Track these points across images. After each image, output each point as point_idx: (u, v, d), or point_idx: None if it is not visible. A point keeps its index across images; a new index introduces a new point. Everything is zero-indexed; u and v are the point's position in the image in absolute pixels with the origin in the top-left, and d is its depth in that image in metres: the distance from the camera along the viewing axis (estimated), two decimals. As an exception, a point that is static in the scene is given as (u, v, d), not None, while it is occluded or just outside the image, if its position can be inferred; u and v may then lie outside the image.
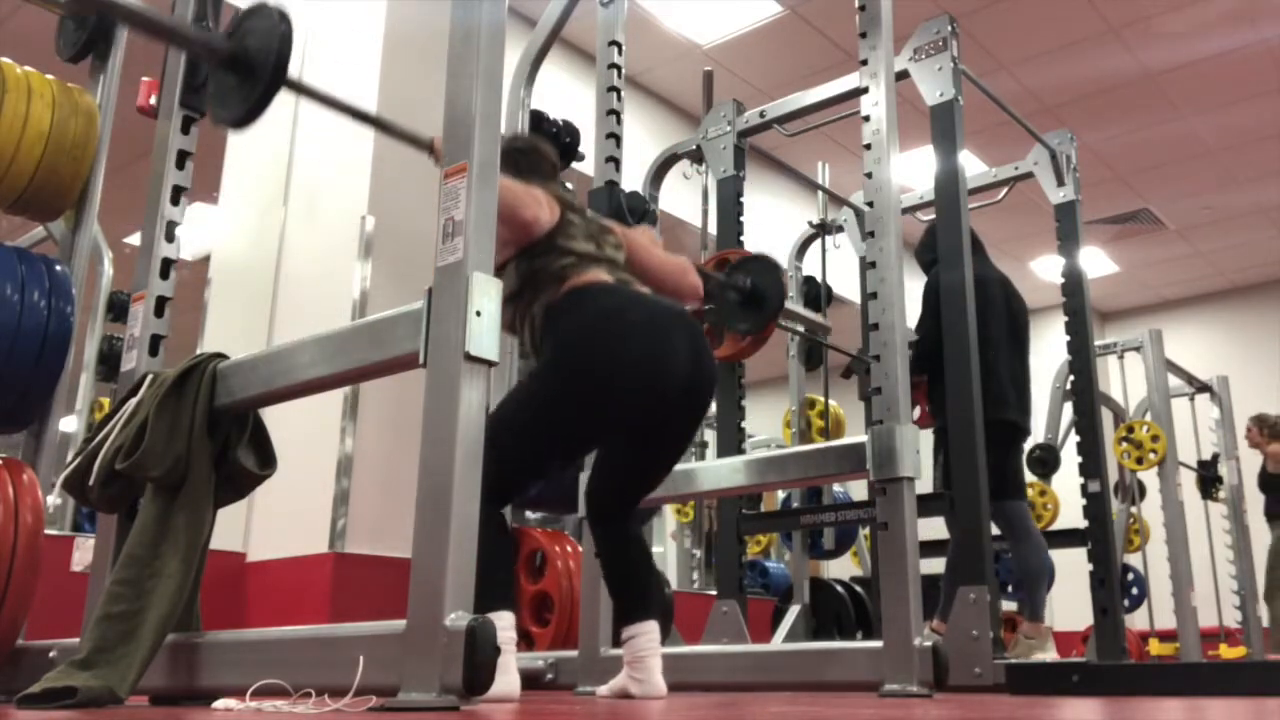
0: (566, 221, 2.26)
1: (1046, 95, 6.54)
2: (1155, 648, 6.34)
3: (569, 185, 2.58)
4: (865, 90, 2.83)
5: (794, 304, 5.07)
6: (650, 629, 2.24)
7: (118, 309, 4.40)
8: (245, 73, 1.71)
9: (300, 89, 1.89)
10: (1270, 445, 6.62)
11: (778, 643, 4.46)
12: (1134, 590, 6.48)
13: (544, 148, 2.51)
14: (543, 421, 2.09)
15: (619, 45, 3.30)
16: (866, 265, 2.78)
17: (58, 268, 2.48)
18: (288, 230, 4.43)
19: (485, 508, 2.05)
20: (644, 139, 5.72)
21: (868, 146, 2.79)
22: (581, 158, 3.85)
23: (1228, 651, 6.50)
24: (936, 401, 3.67)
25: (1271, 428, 6.67)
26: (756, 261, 3.41)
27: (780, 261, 5.02)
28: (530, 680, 2.97)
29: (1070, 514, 5.49)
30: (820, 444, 3.29)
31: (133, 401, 1.92)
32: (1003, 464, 3.69)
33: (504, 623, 1.99)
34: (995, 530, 3.87)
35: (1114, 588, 4.01)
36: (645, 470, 2.33)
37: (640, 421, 2.17)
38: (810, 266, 5.22)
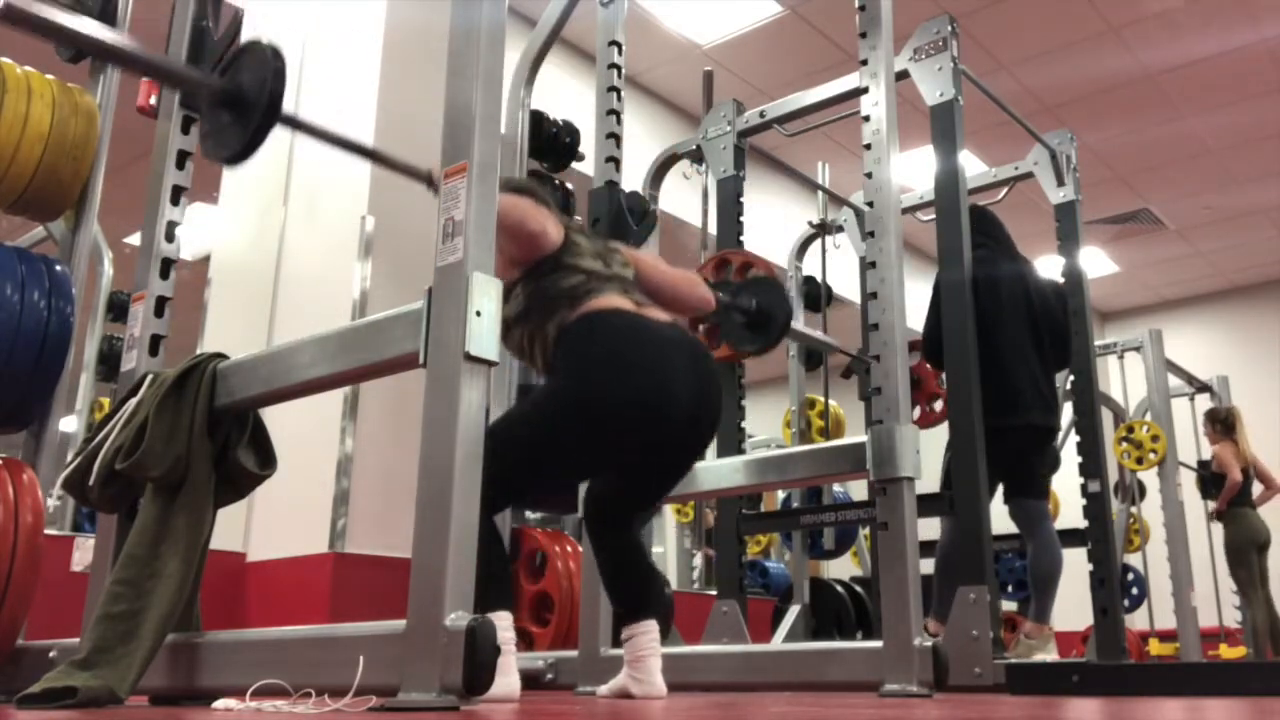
0: (572, 240, 2.24)
1: (1046, 95, 6.54)
2: (1155, 648, 6.35)
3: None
4: (865, 90, 2.83)
5: (795, 317, 5.08)
6: (650, 628, 2.24)
7: (118, 309, 4.39)
8: (239, 110, 1.69)
9: (296, 124, 1.88)
10: (1221, 441, 6.56)
11: (778, 643, 4.46)
12: (1134, 590, 6.48)
13: (538, 185, 2.53)
14: (546, 444, 2.08)
15: (619, 45, 3.30)
16: (866, 265, 2.78)
17: (58, 268, 2.48)
18: (288, 230, 4.43)
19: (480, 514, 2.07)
20: (644, 139, 5.71)
21: (868, 146, 2.79)
22: (581, 158, 3.85)
23: (1228, 651, 6.50)
24: None
25: (1223, 422, 6.59)
26: (760, 282, 3.38)
27: (781, 264, 5.04)
28: (530, 680, 2.97)
29: (1070, 514, 5.49)
30: (820, 444, 3.29)
31: (133, 401, 1.92)
32: (1025, 465, 3.67)
33: (502, 623, 2.00)
34: (1014, 529, 3.88)
35: (1114, 588, 4.01)
36: (647, 490, 2.35)
37: (643, 452, 2.17)
38: (810, 266, 5.22)
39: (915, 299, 3.28)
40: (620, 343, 2.09)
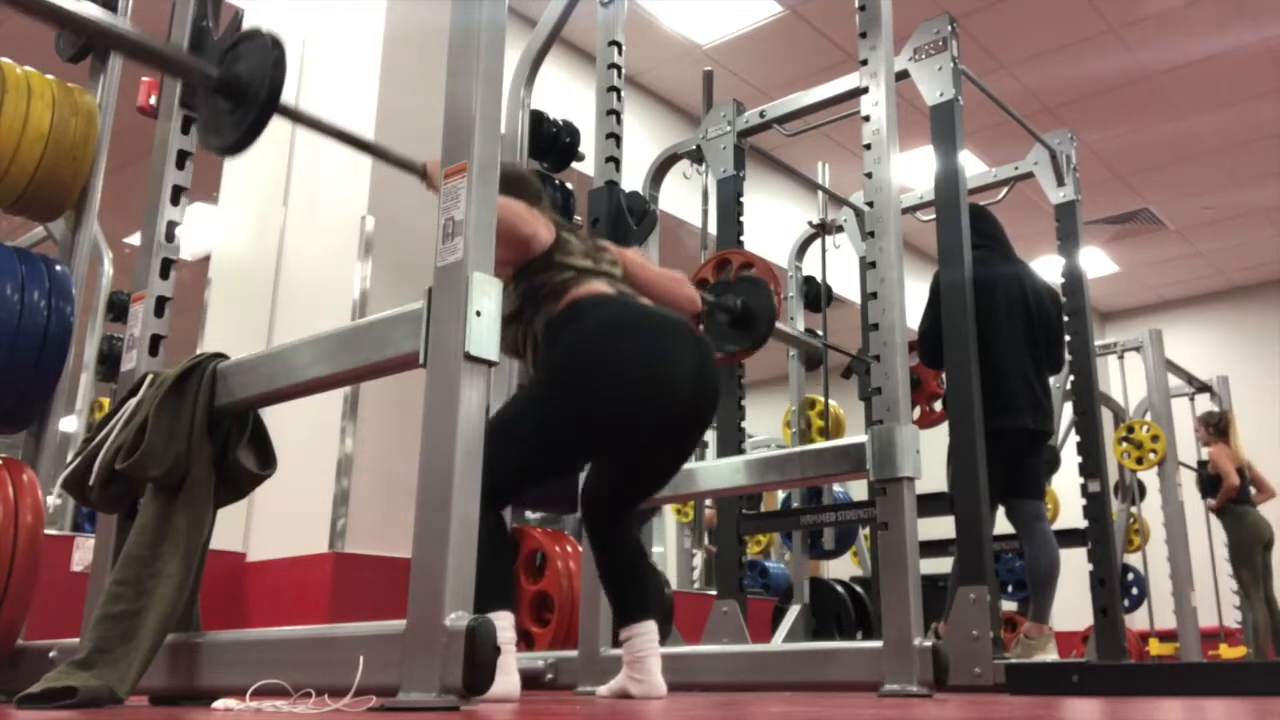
0: (563, 239, 2.25)
1: (1046, 95, 6.54)
2: (1155, 648, 6.35)
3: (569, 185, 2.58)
4: (865, 90, 2.83)
5: (792, 316, 5.07)
6: (648, 629, 2.24)
7: (118, 309, 4.40)
8: (238, 99, 1.69)
9: (294, 115, 1.87)
10: (1215, 444, 6.57)
11: (778, 643, 4.46)
12: (1134, 590, 6.48)
13: (529, 176, 2.51)
14: (541, 433, 2.08)
15: (619, 45, 3.30)
16: (866, 265, 2.78)
17: (58, 268, 2.48)
18: (288, 230, 4.43)
19: (481, 510, 2.06)
20: (644, 139, 5.72)
21: (868, 146, 2.80)
22: (581, 158, 3.85)
23: (1228, 651, 6.50)
24: None
25: (1216, 426, 6.61)
26: (747, 282, 3.37)
27: (781, 264, 5.04)
28: (530, 680, 2.97)
29: (1070, 514, 5.49)
30: (820, 444, 3.29)
31: (133, 401, 1.92)
32: (1020, 466, 3.67)
33: (503, 623, 2.00)
34: (1011, 529, 3.88)
35: (1114, 588, 4.01)
36: (644, 479, 2.33)
37: (641, 436, 2.16)
38: (810, 266, 5.22)
39: (915, 299, 3.28)
40: (611, 322, 2.09)
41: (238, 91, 1.70)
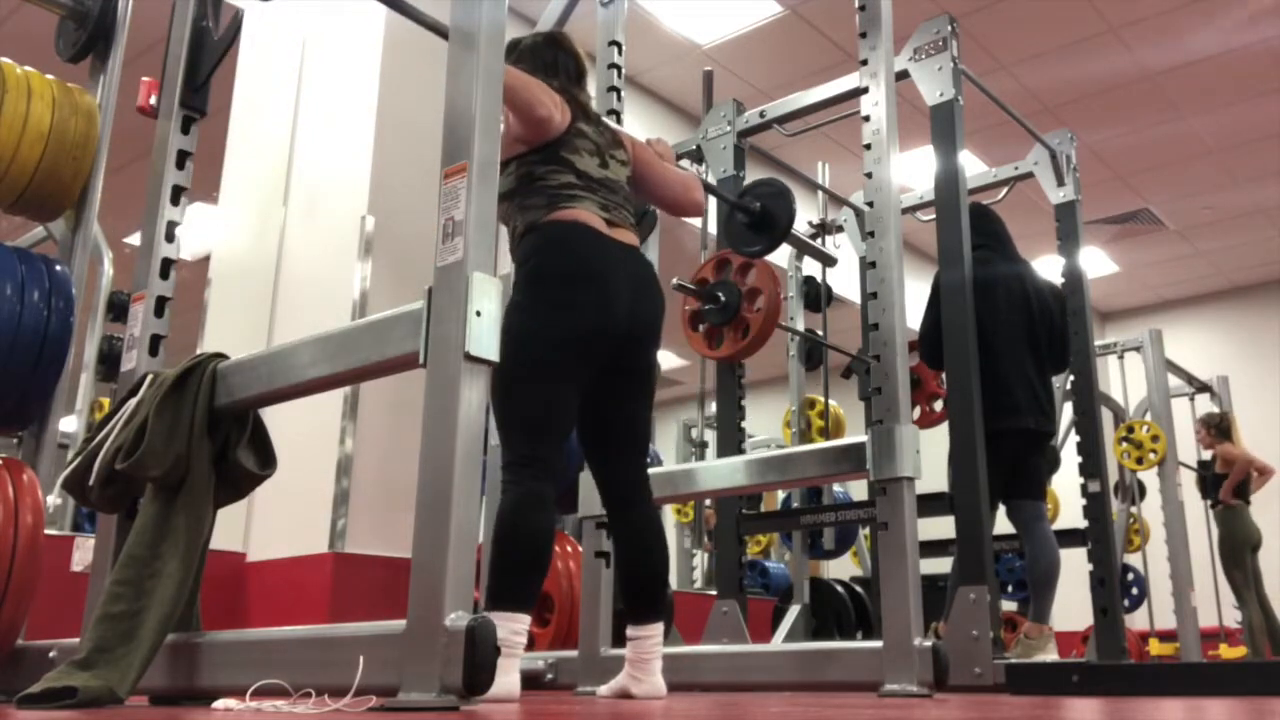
0: (576, 132, 2.29)
1: (1046, 95, 6.54)
2: (1155, 648, 6.35)
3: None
4: (865, 90, 2.83)
5: (792, 316, 5.07)
6: (656, 631, 2.24)
7: (118, 309, 4.39)
8: None
9: None
10: (1220, 444, 6.58)
11: (778, 643, 4.46)
12: (1134, 590, 6.48)
13: (572, 48, 2.50)
14: (533, 369, 2.12)
15: (619, 45, 3.31)
16: (866, 265, 2.78)
17: (58, 268, 2.48)
18: (288, 230, 4.43)
19: (519, 483, 2.06)
20: (644, 139, 5.70)
21: (868, 146, 2.80)
22: (582, 157, 3.84)
23: (1228, 651, 6.50)
24: None
25: (1217, 425, 6.63)
26: (765, 185, 3.42)
27: (781, 264, 5.04)
28: (530, 680, 2.98)
29: (1070, 514, 5.49)
30: (820, 444, 3.29)
31: (133, 401, 1.92)
32: (1021, 466, 3.66)
33: (516, 625, 1.99)
34: (1011, 529, 3.88)
35: (1114, 588, 4.01)
36: (621, 410, 2.31)
37: (597, 354, 2.19)
38: (810, 266, 5.21)
39: (915, 299, 3.28)
40: (569, 258, 2.18)
41: None
